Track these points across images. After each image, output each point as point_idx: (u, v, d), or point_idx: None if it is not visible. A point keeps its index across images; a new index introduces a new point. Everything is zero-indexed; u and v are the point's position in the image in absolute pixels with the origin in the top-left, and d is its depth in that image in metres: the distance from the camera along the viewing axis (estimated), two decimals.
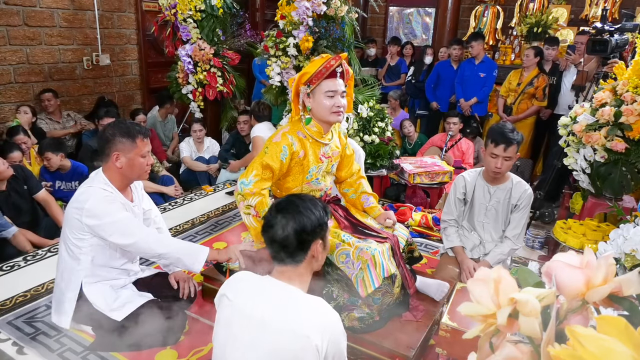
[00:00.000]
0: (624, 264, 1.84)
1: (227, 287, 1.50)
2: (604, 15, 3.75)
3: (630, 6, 5.68)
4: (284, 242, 1.42)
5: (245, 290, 1.44)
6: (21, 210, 3.22)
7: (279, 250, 1.44)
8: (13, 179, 3.19)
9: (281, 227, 1.42)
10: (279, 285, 1.42)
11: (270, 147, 2.13)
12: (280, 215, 1.43)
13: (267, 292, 1.41)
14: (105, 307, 2.16)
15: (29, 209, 3.28)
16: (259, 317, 1.34)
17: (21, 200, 3.22)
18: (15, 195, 3.20)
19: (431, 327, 2.20)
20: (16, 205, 3.19)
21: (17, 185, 3.21)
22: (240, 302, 1.40)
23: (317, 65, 2.09)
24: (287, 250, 1.43)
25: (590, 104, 3.00)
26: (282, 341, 1.31)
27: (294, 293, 1.40)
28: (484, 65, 5.34)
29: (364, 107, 4.21)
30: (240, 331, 1.37)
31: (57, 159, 3.69)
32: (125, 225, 2.09)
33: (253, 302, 1.38)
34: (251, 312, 1.36)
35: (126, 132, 2.11)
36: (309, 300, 1.40)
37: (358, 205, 2.48)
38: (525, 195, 2.55)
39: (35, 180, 3.38)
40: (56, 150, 3.70)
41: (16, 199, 3.20)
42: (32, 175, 3.40)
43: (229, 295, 1.45)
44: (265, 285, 1.43)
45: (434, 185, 4.06)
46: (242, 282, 1.48)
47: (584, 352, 0.60)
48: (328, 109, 2.13)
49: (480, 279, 0.78)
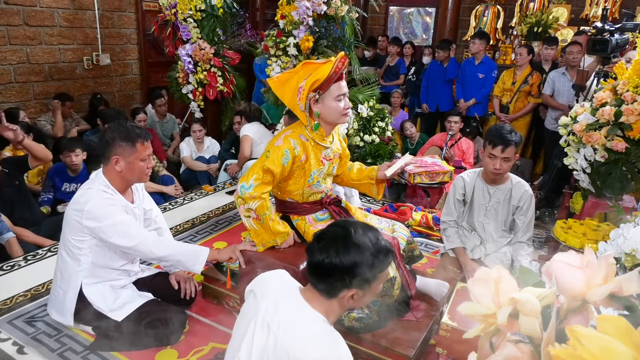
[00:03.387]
0: (624, 263, 1.83)
1: (257, 284, 1.45)
2: (604, 14, 3.75)
3: (631, 6, 5.68)
4: (316, 271, 1.31)
5: (273, 295, 1.36)
6: (14, 205, 3.18)
7: (311, 275, 1.34)
8: (4, 175, 3.17)
9: (317, 256, 1.30)
10: (303, 305, 1.32)
11: (272, 151, 2.12)
12: (323, 243, 1.30)
13: (292, 308, 1.32)
14: (105, 307, 2.16)
15: (24, 202, 3.25)
16: (274, 328, 1.28)
17: (13, 193, 3.19)
18: (8, 190, 3.17)
19: (431, 327, 2.20)
20: (11, 200, 3.17)
21: (9, 180, 3.19)
22: (263, 306, 1.34)
23: (327, 70, 2.03)
24: (318, 280, 1.32)
25: (590, 103, 3.00)
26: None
27: (312, 319, 1.30)
28: (483, 65, 5.34)
29: (364, 107, 4.21)
30: (256, 333, 1.32)
31: (82, 155, 3.70)
32: (125, 228, 2.09)
33: (275, 310, 1.31)
34: (270, 320, 1.30)
35: (126, 136, 2.10)
36: (324, 333, 1.28)
37: (357, 171, 2.49)
38: (526, 195, 2.55)
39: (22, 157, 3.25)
40: (81, 147, 3.71)
41: (10, 194, 3.17)
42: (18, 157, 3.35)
43: (257, 293, 1.40)
44: (293, 300, 1.34)
45: (434, 185, 4.05)
46: (273, 285, 1.41)
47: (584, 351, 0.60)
48: (340, 113, 2.11)
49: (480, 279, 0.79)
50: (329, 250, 1.28)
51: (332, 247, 1.28)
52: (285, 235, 2.25)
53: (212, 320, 2.43)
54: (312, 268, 1.33)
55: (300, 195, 2.28)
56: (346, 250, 1.27)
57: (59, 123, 4.56)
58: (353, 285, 1.29)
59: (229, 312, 2.49)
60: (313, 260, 1.31)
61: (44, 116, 4.70)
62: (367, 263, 1.28)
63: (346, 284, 1.28)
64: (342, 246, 1.28)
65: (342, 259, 1.26)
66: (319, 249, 1.30)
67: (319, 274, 1.31)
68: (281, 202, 2.37)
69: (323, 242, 1.31)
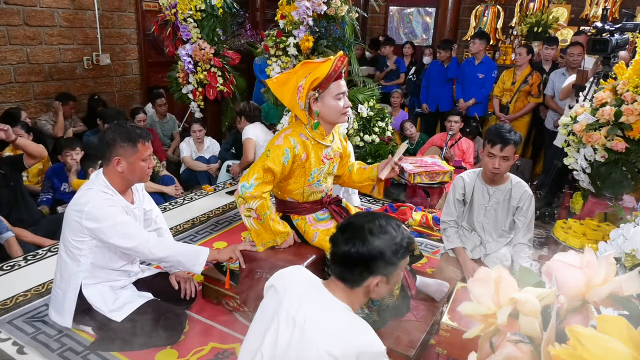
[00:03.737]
0: (624, 263, 1.83)
1: (277, 279, 1.46)
2: (604, 14, 3.75)
3: (631, 6, 5.68)
4: (341, 262, 1.34)
5: (295, 290, 1.38)
6: (10, 204, 3.17)
7: (336, 266, 1.36)
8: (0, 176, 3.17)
9: (343, 247, 1.32)
10: (328, 297, 1.35)
11: (272, 150, 2.12)
12: (348, 235, 1.33)
13: (316, 300, 1.35)
14: (105, 308, 2.16)
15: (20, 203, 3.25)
16: (300, 321, 1.29)
17: (8, 194, 3.18)
18: (4, 191, 3.16)
19: (431, 327, 2.20)
20: (8, 200, 3.16)
21: (4, 181, 3.18)
22: (287, 300, 1.35)
23: (326, 69, 2.04)
24: (343, 271, 1.34)
25: (590, 103, 3.00)
26: (311, 356, 1.25)
27: (340, 310, 1.32)
28: (483, 66, 5.34)
29: (364, 107, 4.21)
30: (280, 328, 1.32)
31: (81, 153, 3.72)
32: (125, 229, 2.09)
33: (299, 304, 1.33)
34: (295, 314, 1.31)
35: (127, 136, 2.10)
36: (352, 321, 1.31)
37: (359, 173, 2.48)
38: (525, 196, 2.55)
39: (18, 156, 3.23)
40: (80, 146, 3.75)
41: (6, 195, 3.17)
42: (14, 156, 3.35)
43: (279, 289, 1.41)
44: (317, 292, 1.37)
45: (434, 185, 4.05)
46: (294, 280, 1.43)
47: (584, 351, 0.60)
48: (339, 111, 2.12)
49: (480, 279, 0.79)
50: (354, 240, 1.31)
51: (358, 237, 1.31)
52: (285, 235, 2.25)
53: (212, 320, 2.43)
54: (337, 259, 1.35)
55: (300, 194, 2.28)
56: (372, 238, 1.31)
57: (60, 123, 4.57)
58: (379, 272, 1.32)
59: (229, 312, 2.49)
60: (339, 251, 1.33)
61: (44, 116, 4.70)
62: (392, 250, 1.31)
63: (372, 272, 1.32)
64: (368, 235, 1.31)
65: (369, 247, 1.29)
66: (344, 240, 1.33)
67: (345, 264, 1.34)
68: (281, 201, 2.37)
69: (348, 233, 1.33)
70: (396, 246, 1.32)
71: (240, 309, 2.43)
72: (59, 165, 3.74)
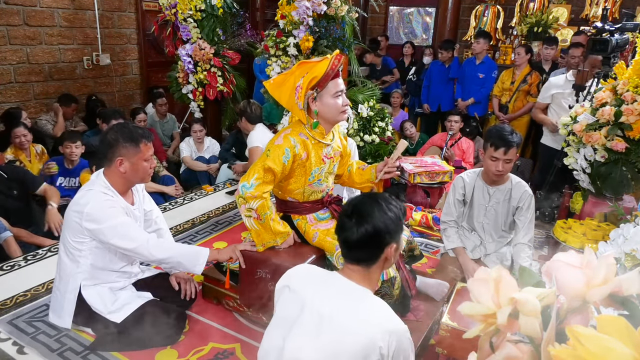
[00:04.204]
0: (624, 263, 1.83)
1: (289, 278, 1.47)
2: (604, 14, 3.75)
3: (631, 6, 5.68)
4: (357, 244, 1.38)
5: (313, 284, 1.41)
6: (9, 212, 3.16)
7: (352, 251, 1.41)
8: (2, 184, 3.16)
9: (356, 230, 1.36)
10: (347, 283, 1.38)
11: (272, 150, 2.12)
12: (356, 218, 1.38)
13: (335, 289, 1.38)
14: (104, 309, 2.16)
15: (21, 210, 3.24)
16: (327, 313, 1.31)
17: (8, 200, 3.17)
18: (4, 200, 3.15)
19: (431, 327, 2.20)
20: (3, 206, 3.14)
21: (5, 186, 3.18)
22: (308, 294, 1.37)
23: (323, 67, 2.05)
24: (360, 252, 1.39)
25: (590, 103, 3.00)
26: (347, 341, 1.27)
27: (362, 293, 1.37)
28: (484, 65, 5.34)
29: (364, 106, 4.21)
30: (306, 323, 1.33)
31: (81, 148, 3.75)
32: (125, 230, 2.08)
33: (321, 297, 1.35)
34: (319, 306, 1.33)
35: (130, 137, 2.10)
36: (376, 302, 1.36)
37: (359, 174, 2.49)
38: (525, 196, 2.55)
39: (32, 176, 3.35)
40: (81, 140, 3.78)
41: (6, 202, 3.15)
42: (28, 172, 3.39)
43: (294, 287, 1.42)
44: (334, 282, 1.40)
45: (434, 185, 4.06)
46: (309, 275, 1.46)
47: (584, 351, 0.60)
48: (338, 109, 2.13)
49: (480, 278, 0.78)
50: (364, 221, 1.37)
51: (367, 217, 1.37)
52: (285, 235, 2.25)
53: (212, 320, 2.43)
54: (351, 244, 1.39)
55: (301, 194, 2.28)
56: (379, 214, 1.38)
57: (61, 124, 4.57)
58: (393, 240, 1.40)
59: (229, 312, 2.49)
60: (352, 236, 1.37)
61: (44, 116, 4.70)
62: (397, 217, 1.41)
63: (387, 242, 1.39)
64: (376, 212, 1.39)
65: (380, 223, 1.37)
66: (355, 224, 1.37)
67: (360, 246, 1.38)
68: (282, 201, 2.37)
69: (355, 216, 1.39)
70: (398, 212, 1.43)
71: (240, 309, 2.43)
72: (57, 158, 3.76)
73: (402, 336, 1.30)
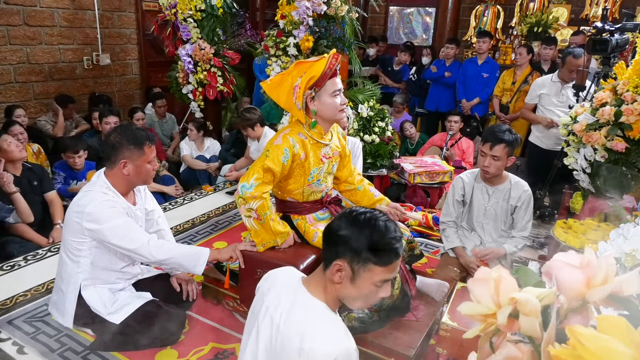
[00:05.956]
0: (624, 263, 1.83)
1: (264, 280, 1.50)
2: (604, 14, 3.75)
3: (631, 6, 5.67)
4: (325, 234, 1.36)
5: (276, 290, 1.42)
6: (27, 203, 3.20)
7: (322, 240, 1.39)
8: (28, 171, 3.26)
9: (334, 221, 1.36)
10: (304, 295, 1.35)
11: (272, 150, 2.12)
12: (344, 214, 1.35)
13: (290, 298, 1.36)
14: (104, 310, 2.16)
15: (38, 205, 3.29)
16: (277, 321, 1.32)
17: (28, 193, 3.22)
18: (26, 186, 3.21)
19: (431, 327, 2.20)
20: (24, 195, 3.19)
21: (29, 178, 3.26)
22: (268, 300, 1.39)
23: (321, 67, 2.05)
24: (323, 245, 1.37)
25: (590, 103, 3.00)
26: (288, 354, 1.26)
27: (315, 309, 1.31)
28: (487, 65, 5.33)
29: (364, 106, 4.21)
30: (261, 328, 1.36)
31: (85, 155, 3.77)
32: (125, 231, 2.08)
33: (278, 303, 1.36)
34: (273, 312, 1.35)
35: (133, 139, 2.10)
36: (325, 323, 1.28)
37: (368, 197, 2.48)
38: (524, 195, 2.56)
39: (49, 180, 3.45)
40: (84, 147, 3.79)
41: (26, 189, 3.21)
42: (46, 171, 3.48)
43: (263, 289, 1.46)
44: (294, 291, 1.38)
45: (434, 185, 4.06)
46: (278, 280, 1.46)
47: (584, 351, 0.60)
48: (336, 108, 2.13)
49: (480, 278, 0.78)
50: (343, 218, 1.33)
51: (348, 217, 1.32)
52: (285, 235, 2.25)
53: (212, 320, 2.43)
54: (324, 234, 1.37)
55: (300, 194, 2.29)
56: (357, 222, 1.30)
57: (60, 124, 4.57)
58: (343, 255, 1.28)
59: (229, 312, 2.49)
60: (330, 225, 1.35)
61: (44, 116, 4.70)
62: (367, 241, 1.26)
63: (340, 254, 1.28)
64: (357, 218, 1.31)
65: (348, 227, 1.29)
66: (337, 218, 1.36)
67: (325, 239, 1.36)
68: (282, 201, 2.37)
69: (345, 214, 1.35)
70: (373, 241, 1.26)
71: (240, 309, 2.43)
72: (62, 162, 3.77)
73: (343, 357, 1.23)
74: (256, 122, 3.97)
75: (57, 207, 3.37)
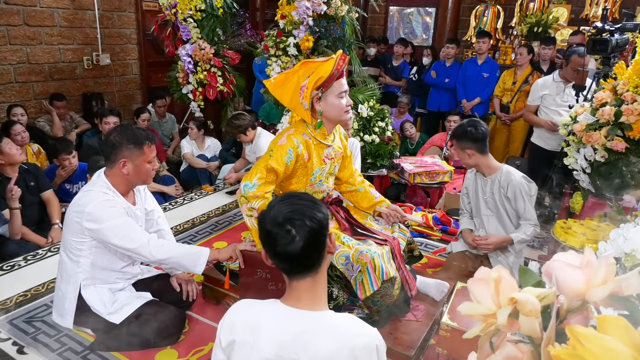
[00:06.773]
0: (624, 263, 1.83)
1: (232, 332, 1.24)
2: (604, 14, 3.75)
3: (631, 6, 5.67)
4: (305, 251, 1.19)
5: (264, 330, 1.21)
6: (24, 204, 3.19)
7: (299, 263, 1.22)
8: (25, 172, 3.25)
9: (298, 236, 1.18)
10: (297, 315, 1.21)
11: (275, 150, 2.11)
12: (290, 224, 1.19)
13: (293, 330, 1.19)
14: (104, 310, 2.16)
15: (36, 205, 3.29)
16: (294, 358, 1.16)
17: (26, 195, 3.21)
18: (23, 188, 3.20)
19: (431, 327, 2.20)
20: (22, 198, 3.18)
21: (26, 180, 3.25)
22: (261, 343, 1.19)
23: (329, 67, 2.04)
24: (307, 259, 1.21)
25: (590, 103, 3.00)
26: None
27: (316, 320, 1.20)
28: (488, 65, 5.33)
29: (364, 106, 4.21)
30: None
31: (76, 154, 3.75)
32: (125, 231, 2.08)
33: (280, 344, 1.18)
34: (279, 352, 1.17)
35: (133, 139, 2.10)
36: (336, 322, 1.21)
37: (368, 198, 2.47)
38: (512, 184, 2.58)
39: (46, 180, 3.44)
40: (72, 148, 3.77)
41: (24, 191, 3.20)
42: (45, 175, 3.47)
43: (245, 339, 1.21)
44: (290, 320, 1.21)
45: (434, 185, 4.06)
46: (253, 319, 1.24)
47: (584, 351, 0.60)
48: (342, 109, 2.13)
49: (480, 278, 0.78)
50: (301, 219, 1.21)
51: (301, 214, 1.22)
52: None
53: (212, 320, 2.43)
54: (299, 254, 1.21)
55: None
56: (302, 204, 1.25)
57: (57, 124, 4.57)
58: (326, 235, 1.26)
59: None
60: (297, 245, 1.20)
61: (43, 117, 4.69)
62: (310, 199, 1.28)
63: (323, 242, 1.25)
64: (298, 204, 1.25)
65: (311, 210, 1.23)
66: (295, 229, 1.21)
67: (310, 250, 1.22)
68: None
69: (288, 223, 1.21)
70: (309, 198, 1.29)
71: None
72: (55, 167, 3.75)
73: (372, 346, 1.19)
74: (247, 127, 3.94)
75: (55, 206, 3.36)
